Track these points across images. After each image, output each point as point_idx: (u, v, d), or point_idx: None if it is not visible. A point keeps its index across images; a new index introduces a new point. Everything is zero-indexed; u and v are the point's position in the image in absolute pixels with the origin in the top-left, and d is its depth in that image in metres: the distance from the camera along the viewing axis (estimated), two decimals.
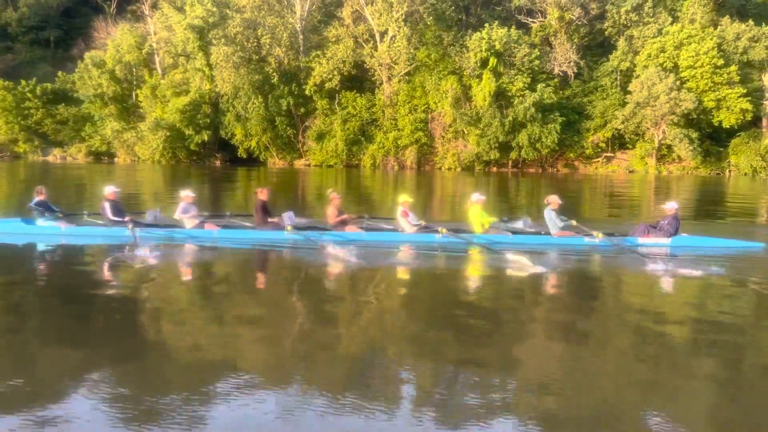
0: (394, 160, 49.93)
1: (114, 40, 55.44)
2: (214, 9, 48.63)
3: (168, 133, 49.75)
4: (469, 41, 47.43)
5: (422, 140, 49.20)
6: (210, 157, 53.27)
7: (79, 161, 55.67)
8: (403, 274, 10.23)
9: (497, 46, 46.08)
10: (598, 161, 49.32)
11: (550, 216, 12.06)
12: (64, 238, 11.77)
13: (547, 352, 6.09)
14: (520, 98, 46.43)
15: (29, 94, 58.78)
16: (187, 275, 9.77)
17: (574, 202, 25.96)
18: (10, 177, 36.23)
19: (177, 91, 52.79)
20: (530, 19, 51.10)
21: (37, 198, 12.32)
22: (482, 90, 46.75)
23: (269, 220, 12.20)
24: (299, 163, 53.41)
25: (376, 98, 51.51)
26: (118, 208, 12.24)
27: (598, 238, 11.62)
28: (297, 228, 11.84)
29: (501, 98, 47.40)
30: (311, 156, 52.74)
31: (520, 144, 46.41)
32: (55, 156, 57.83)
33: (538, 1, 49.97)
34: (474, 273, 10.51)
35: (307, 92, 51.41)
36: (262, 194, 12.44)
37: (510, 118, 45.63)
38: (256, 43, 50.30)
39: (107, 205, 12.04)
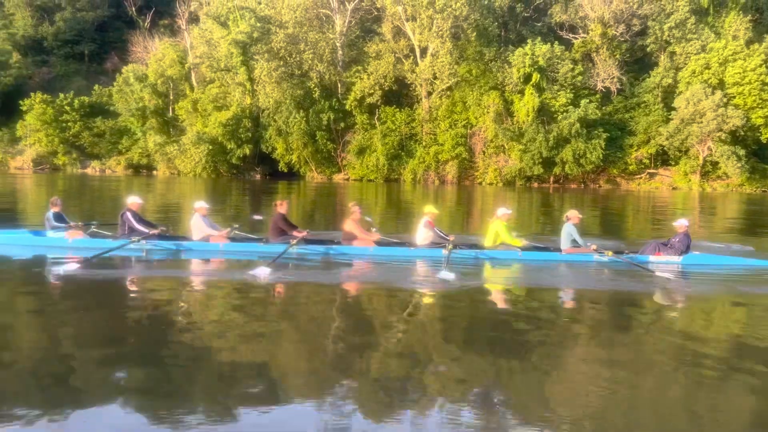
0: (434, 174, 49.90)
1: (156, 54, 55.93)
2: (258, 24, 48.98)
3: (210, 147, 50.00)
4: (511, 57, 47.49)
5: (463, 155, 49.18)
6: (250, 171, 53.50)
7: (118, 174, 56.07)
8: (411, 290, 9.70)
9: (540, 62, 46.13)
10: (641, 178, 49.07)
11: (569, 231, 11.77)
12: (70, 251, 11.28)
13: (579, 376, 5.79)
14: (564, 114, 46.36)
15: (67, 107, 59.51)
16: (184, 287, 9.45)
17: (620, 219, 25.78)
18: (49, 188, 36.43)
19: (217, 106, 53.18)
20: (571, 35, 51.13)
21: (53, 210, 12.10)
22: (525, 105, 46.77)
23: (294, 233, 11.83)
24: (338, 178, 53.51)
25: (415, 113, 51.65)
26: (140, 219, 11.97)
27: (607, 255, 11.38)
28: (307, 241, 11.64)
29: (543, 113, 47.36)
30: (350, 170, 52.84)
31: (564, 159, 46.28)
32: (93, 168, 58.33)
33: (580, 17, 50.04)
34: (477, 291, 9.84)
35: (347, 107, 51.70)
36: (282, 207, 12.13)
37: (554, 133, 45.52)
38: (298, 59, 50.59)
39: (129, 215, 11.72)
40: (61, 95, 60.00)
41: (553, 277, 10.73)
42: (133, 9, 74.19)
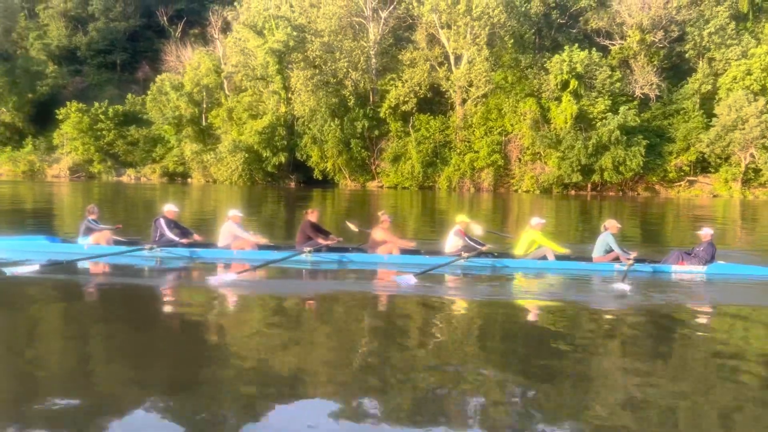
0: (469, 182, 49.68)
1: (191, 63, 56.41)
2: (294, 33, 49.24)
3: (246, 155, 50.24)
4: (548, 63, 47.23)
5: (498, 162, 48.91)
6: (284, 179, 53.68)
7: (153, 181, 56.52)
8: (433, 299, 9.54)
9: (578, 69, 45.81)
10: (680, 185, 48.44)
11: (606, 241, 11.48)
12: (87, 257, 11.18)
13: (613, 391, 5.56)
14: (602, 121, 45.96)
15: (102, 116, 60.14)
16: (196, 295, 9.31)
17: (662, 227, 25.43)
18: (86, 196, 36.73)
19: (252, 114, 53.50)
20: (608, 41, 50.78)
21: (90, 217, 12.18)
22: (563, 112, 46.44)
23: (320, 240, 11.77)
24: (371, 185, 53.50)
25: (449, 120, 51.53)
26: (174, 226, 11.92)
27: (628, 265, 11.06)
28: (317, 250, 11.52)
29: (581, 120, 46.98)
30: (384, 178, 52.80)
31: (603, 167, 45.81)
32: (129, 176, 58.84)
33: (616, 24, 49.70)
34: (492, 302, 9.55)
35: (381, 115, 51.74)
36: (312, 215, 12.13)
37: (593, 140, 45.11)
38: (333, 67, 50.75)
39: (162, 221, 11.74)
40: (96, 104, 60.67)
41: (577, 287, 10.51)
42: (165, 19, 74.94)
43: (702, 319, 8.67)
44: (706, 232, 11.57)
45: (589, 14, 51.48)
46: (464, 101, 50.80)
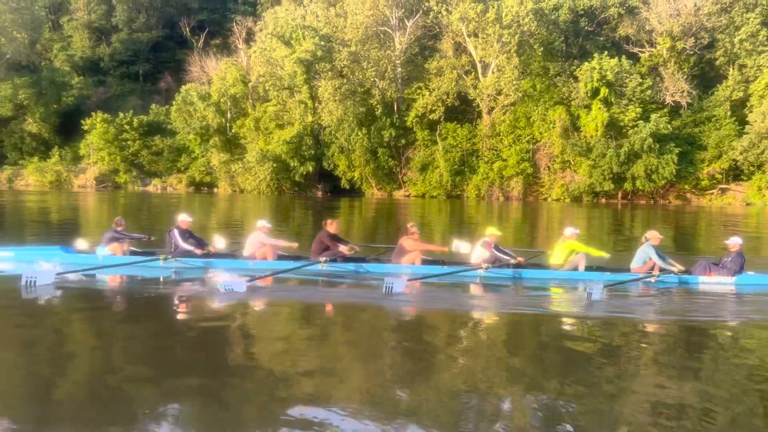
0: (498, 190, 49.43)
1: (218, 74, 56.62)
2: (323, 43, 49.32)
3: (274, 165, 50.25)
4: (578, 71, 47.01)
5: (528, 171, 48.64)
6: (311, 188, 53.63)
7: (180, 191, 56.61)
8: (462, 311, 9.34)
9: (609, 76, 45.53)
10: (712, 193, 47.93)
11: (647, 252, 11.18)
12: (103, 267, 11.16)
13: (648, 405, 5.38)
14: (633, 129, 45.63)
15: (126, 126, 60.40)
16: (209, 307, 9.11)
17: (696, 236, 25.03)
18: (114, 205, 36.79)
19: (279, 124, 53.59)
20: (637, 49, 50.51)
21: (116, 228, 12.12)
22: (594, 120, 46.16)
23: (341, 248, 11.59)
24: (398, 194, 53.33)
25: (476, 129, 51.36)
26: (189, 236, 11.87)
27: (654, 276, 10.79)
28: (333, 260, 11.39)
29: (611, 128, 46.67)
30: (411, 187, 52.63)
31: (635, 175, 45.42)
32: (155, 186, 58.97)
33: (645, 31, 49.46)
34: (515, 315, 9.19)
35: (407, 124, 51.67)
36: (331, 226, 11.86)
37: (625, 148, 44.76)
38: (361, 76, 50.78)
39: (176, 232, 11.66)
40: (121, 114, 60.98)
41: (607, 298, 10.07)
42: (187, 29, 75.41)
43: (730, 333, 8.33)
44: (734, 242, 11.20)
45: (617, 22, 51.21)
46: (491, 109, 50.59)
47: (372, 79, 51.18)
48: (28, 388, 5.53)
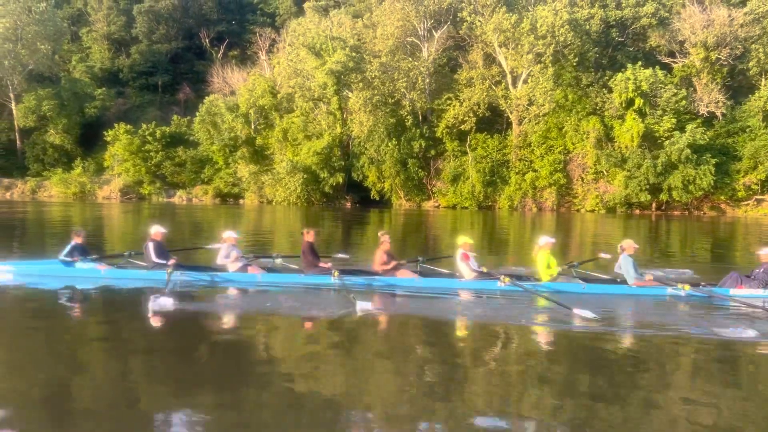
0: (531, 201, 49.10)
1: (246, 85, 56.45)
2: (354, 54, 49.18)
3: (304, 176, 49.93)
4: (612, 82, 46.82)
5: (561, 181, 48.33)
6: (340, 199, 53.26)
7: (205, 203, 56.21)
8: (467, 324, 9.19)
9: (644, 87, 45.31)
10: (748, 204, 47.56)
11: (627, 263, 10.81)
12: (103, 281, 11.21)
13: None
14: (669, 139, 45.36)
15: (149, 138, 60.08)
16: (215, 320, 9.14)
17: (733, 247, 24.55)
18: (140, 217, 36.41)
19: (307, 135, 53.33)
20: (670, 59, 50.38)
21: (75, 241, 12.03)
22: (629, 131, 45.89)
23: (319, 264, 11.52)
24: (427, 205, 52.96)
25: (507, 140, 51.11)
26: (162, 250, 11.69)
27: (684, 289, 10.36)
28: (344, 272, 11.17)
29: (645, 139, 46.41)
30: (440, 198, 52.29)
31: (672, 186, 45.07)
32: (180, 197, 58.56)
33: (677, 42, 49.34)
34: (543, 328, 9.00)
35: (437, 134, 51.44)
36: (309, 236, 11.74)
37: (662, 159, 44.46)
38: (391, 87, 50.60)
39: (151, 246, 11.52)
40: (144, 125, 60.68)
41: (623, 313, 9.87)
42: (207, 41, 75.44)
43: (761, 349, 7.91)
44: (766, 253, 10.84)
45: (648, 32, 51.08)
46: (522, 120, 50.37)
47: (402, 90, 50.97)
48: (41, 397, 5.67)
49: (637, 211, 48.07)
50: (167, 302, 9.02)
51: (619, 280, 11.19)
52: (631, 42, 52.28)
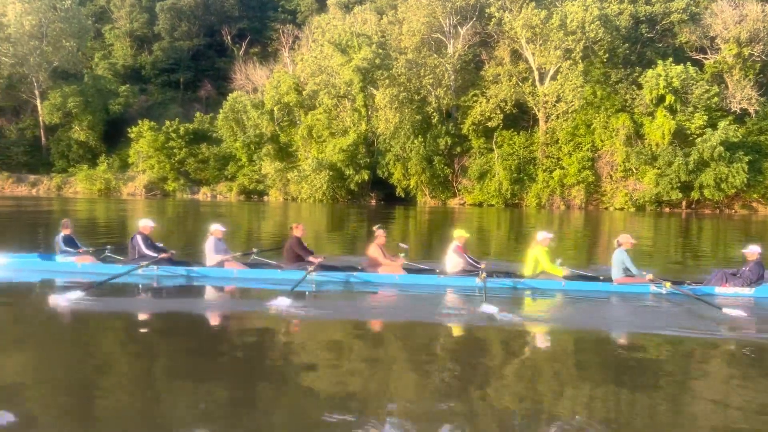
0: (559, 199, 48.65)
1: (271, 82, 56.37)
2: (381, 51, 48.93)
3: (330, 173, 49.78)
4: (642, 78, 46.23)
5: (589, 179, 47.82)
6: (365, 197, 53.07)
7: (230, 199, 56.26)
8: (442, 324, 8.77)
9: (675, 83, 44.68)
10: None
11: (621, 259, 10.55)
12: (80, 276, 10.95)
13: None
14: (701, 137, 44.70)
15: (173, 134, 60.18)
16: (195, 317, 8.88)
17: None
18: (164, 213, 36.41)
19: (332, 132, 53.19)
20: (701, 56, 49.67)
21: (63, 232, 11.95)
22: (660, 128, 45.28)
23: (308, 258, 11.23)
24: (452, 203, 52.64)
25: (533, 137, 50.65)
26: (151, 243, 11.62)
27: (665, 286, 10.07)
28: (324, 267, 11.06)
29: (675, 136, 45.78)
30: (466, 195, 51.96)
31: (704, 184, 44.43)
32: (205, 194, 58.64)
33: (708, 37, 48.62)
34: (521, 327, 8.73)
35: (463, 131, 51.09)
36: (297, 230, 11.58)
37: (694, 156, 43.83)
38: (417, 84, 50.29)
39: (139, 238, 11.43)
40: (167, 122, 60.80)
41: (601, 311, 9.66)
42: (229, 38, 75.51)
43: (744, 350, 7.55)
44: (753, 251, 10.58)
45: (678, 28, 50.37)
46: (549, 117, 49.89)
47: (428, 87, 50.65)
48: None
49: (667, 209, 47.48)
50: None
51: (601, 277, 11.08)
52: (660, 38, 51.56)
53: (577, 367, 6.79)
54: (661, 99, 45.48)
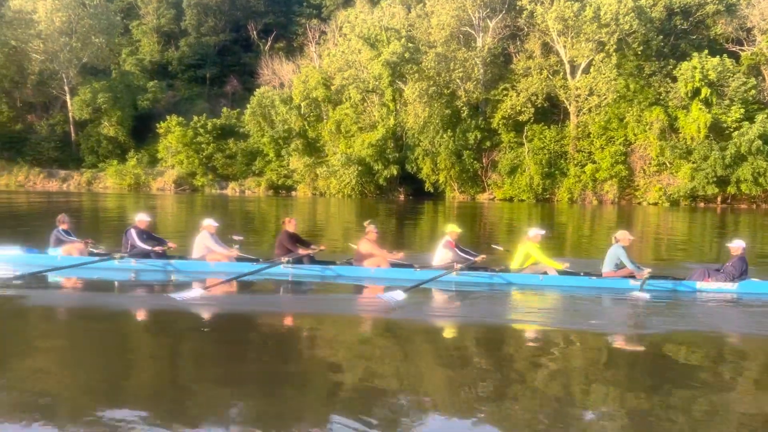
0: (591, 194, 48.07)
1: (299, 77, 56.35)
2: (410, 45, 48.64)
3: (359, 168, 49.67)
4: (677, 71, 45.45)
5: (622, 173, 47.18)
6: (393, 192, 52.89)
7: (258, 194, 56.44)
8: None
9: (711, 76, 43.87)
10: None
11: (616, 254, 10.46)
12: (62, 268, 11.04)
13: None
14: (737, 130, 43.86)
15: (201, 130, 60.44)
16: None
17: None
18: (189, 208, 36.50)
19: (360, 127, 53.06)
20: (737, 47, 48.72)
21: (60, 227, 12.07)
22: (696, 121, 44.50)
23: (301, 250, 11.28)
24: (482, 197, 52.25)
25: (564, 131, 50.06)
26: (146, 236, 11.77)
27: (644, 281, 9.81)
28: (298, 261, 11.09)
29: (711, 130, 44.97)
30: (495, 190, 51.55)
31: (741, 178, 43.61)
32: (234, 189, 58.88)
33: (745, 29, 47.66)
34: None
35: (493, 125, 50.65)
36: (290, 225, 11.60)
37: (730, 150, 43.01)
38: (447, 78, 49.92)
39: (133, 232, 11.56)
40: (195, 117, 61.03)
41: (580, 306, 9.47)
42: (255, 33, 75.62)
43: (723, 347, 7.57)
44: (737, 245, 10.41)
45: (713, 19, 49.44)
46: (580, 110, 49.27)
47: (457, 81, 50.25)
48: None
49: (702, 204, 46.74)
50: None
51: (584, 272, 10.95)
52: (694, 29, 50.61)
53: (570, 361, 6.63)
54: (696, 92, 44.76)
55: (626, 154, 47.80)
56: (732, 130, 44.46)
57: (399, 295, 8.55)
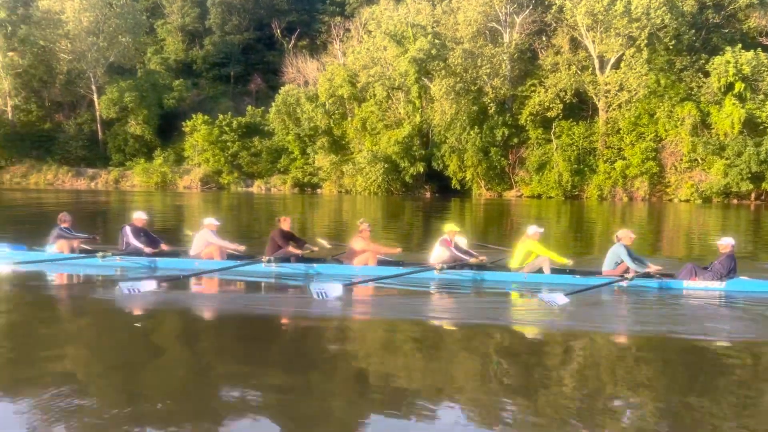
0: (622, 191, 47.47)
1: (325, 74, 56.33)
2: (437, 41, 48.35)
3: (385, 165, 49.53)
4: (710, 65, 44.67)
5: (653, 170, 46.51)
6: (419, 189, 52.70)
7: (284, 192, 56.58)
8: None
9: (745, 70, 43.06)
10: None
11: (618, 253, 10.29)
12: (47, 265, 11.40)
13: None
14: None
15: (226, 128, 60.69)
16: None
17: None
18: (215, 206, 36.64)
19: (386, 124, 52.88)
20: None
21: (62, 225, 12.16)
22: (729, 116, 43.71)
23: (290, 249, 11.22)
24: (509, 195, 51.85)
25: (593, 127, 49.45)
26: (141, 234, 11.78)
27: (628, 279, 9.75)
28: (285, 260, 11.07)
29: (745, 125, 44.16)
30: (523, 187, 51.12)
31: None
32: (259, 187, 59.11)
33: None
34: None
35: (521, 122, 50.20)
36: (285, 223, 11.59)
37: (765, 146, 42.21)
38: (474, 74, 49.55)
39: (128, 230, 11.64)
40: (221, 116, 61.30)
41: (572, 304, 9.01)
42: (278, 31, 75.79)
43: (710, 347, 7.39)
44: (726, 243, 10.17)
45: (744, 13, 48.52)
46: (609, 106, 48.63)
47: (484, 77, 49.85)
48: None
49: (735, 201, 45.94)
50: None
51: (568, 270, 10.89)
52: (726, 23, 49.70)
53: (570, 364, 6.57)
54: (729, 87, 43.99)
55: (657, 150, 47.10)
56: (767, 125, 43.61)
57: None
